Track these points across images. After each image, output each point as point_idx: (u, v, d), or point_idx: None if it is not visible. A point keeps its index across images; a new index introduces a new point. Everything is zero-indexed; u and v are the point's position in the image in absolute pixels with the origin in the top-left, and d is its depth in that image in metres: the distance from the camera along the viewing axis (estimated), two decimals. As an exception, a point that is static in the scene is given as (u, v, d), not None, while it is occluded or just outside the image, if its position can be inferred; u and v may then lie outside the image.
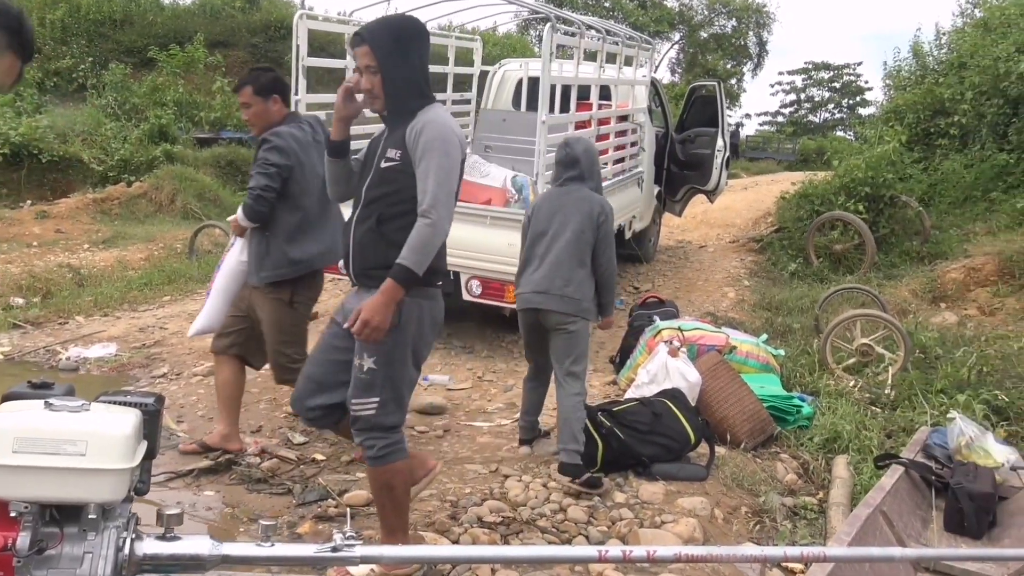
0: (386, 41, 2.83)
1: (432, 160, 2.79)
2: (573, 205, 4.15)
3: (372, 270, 2.89)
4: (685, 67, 37.28)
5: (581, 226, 4.08)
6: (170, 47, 17.18)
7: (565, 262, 4.07)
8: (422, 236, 2.78)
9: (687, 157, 9.74)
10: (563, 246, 4.08)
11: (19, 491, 1.64)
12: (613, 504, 3.79)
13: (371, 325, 2.78)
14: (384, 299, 2.77)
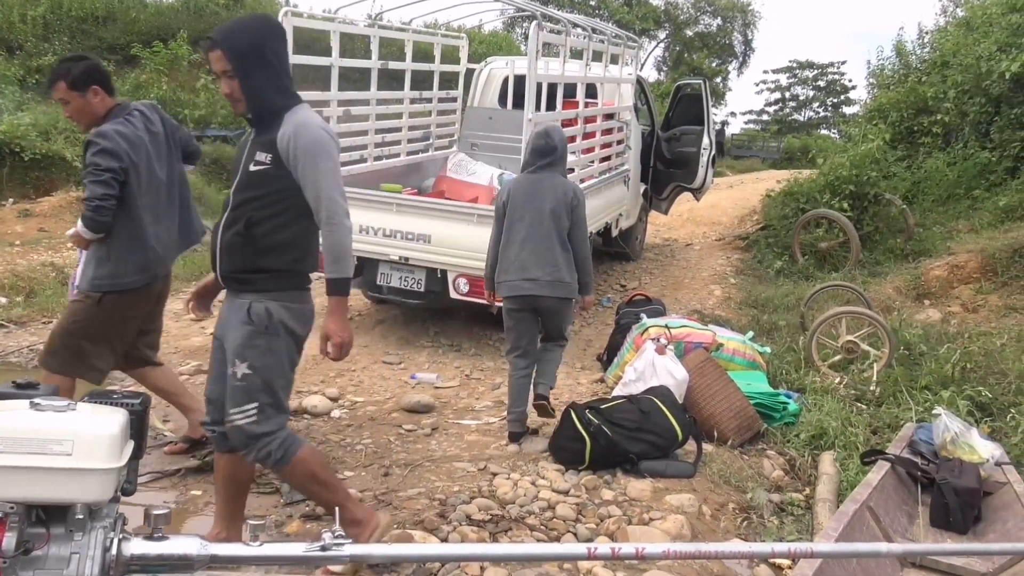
0: (239, 43, 2.76)
1: (318, 166, 2.76)
2: (549, 191, 4.35)
3: (241, 274, 2.87)
4: (671, 65, 37.38)
5: (558, 211, 4.30)
6: (154, 44, 17.03)
7: (549, 247, 4.28)
8: (336, 244, 2.82)
9: (673, 155, 9.76)
10: (544, 232, 4.29)
11: (4, 491, 1.63)
12: (601, 502, 3.79)
13: (344, 344, 2.91)
14: (338, 316, 2.90)
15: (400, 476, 4.05)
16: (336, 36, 6.65)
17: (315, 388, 5.27)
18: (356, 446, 4.45)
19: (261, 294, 2.84)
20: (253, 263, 2.82)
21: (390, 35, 7.71)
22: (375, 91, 7.32)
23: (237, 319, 2.85)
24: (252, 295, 2.84)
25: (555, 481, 3.97)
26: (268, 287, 2.85)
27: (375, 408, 5.05)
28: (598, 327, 7.06)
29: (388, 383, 5.51)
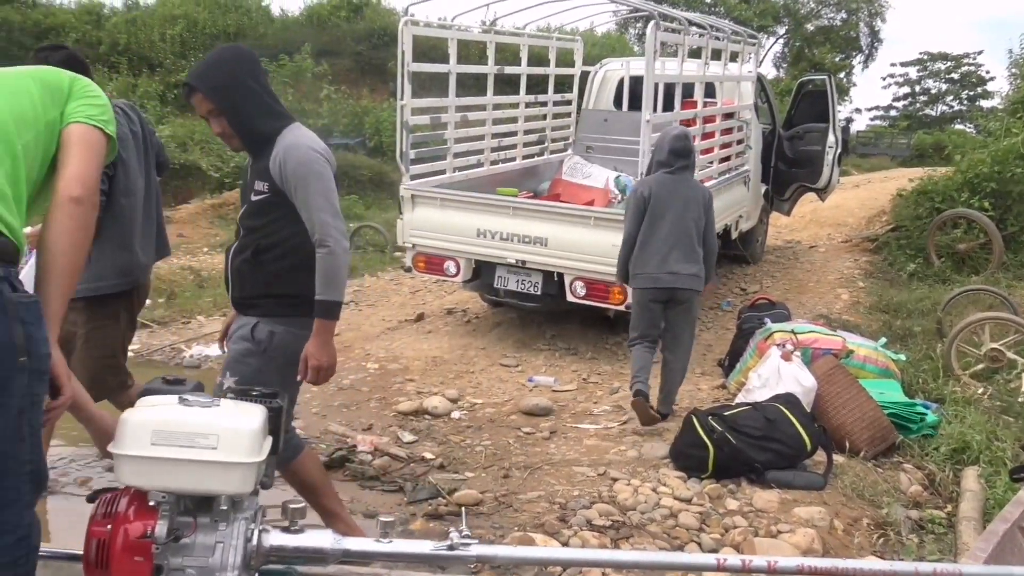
0: (216, 80, 2.71)
1: (308, 187, 2.72)
2: (688, 190, 4.72)
3: (251, 299, 2.88)
4: (790, 62, 36.11)
5: (697, 211, 4.66)
6: (280, 58, 17.84)
7: (689, 243, 4.61)
8: (328, 267, 2.74)
9: (796, 154, 9.41)
10: (685, 229, 4.61)
11: (157, 481, 1.72)
12: (726, 511, 3.68)
13: (323, 368, 2.83)
14: (320, 339, 2.80)
15: (520, 479, 4.05)
16: (453, 43, 6.75)
17: (435, 389, 5.36)
18: (476, 447, 4.49)
19: (269, 317, 2.85)
20: (263, 289, 2.84)
21: (505, 40, 7.78)
22: (491, 96, 7.40)
23: (239, 334, 2.89)
24: (260, 317, 2.86)
25: (677, 488, 3.88)
26: (276, 312, 2.85)
27: (494, 410, 5.09)
28: (718, 331, 6.88)
29: (506, 385, 5.54)
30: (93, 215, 1.79)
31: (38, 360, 1.66)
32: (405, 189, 6.36)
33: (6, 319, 1.59)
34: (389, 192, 13.60)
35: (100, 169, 1.85)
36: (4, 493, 1.64)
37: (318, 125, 16.61)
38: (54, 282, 1.75)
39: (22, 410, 1.64)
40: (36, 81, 1.85)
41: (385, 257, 9.58)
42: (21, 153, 1.73)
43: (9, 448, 1.63)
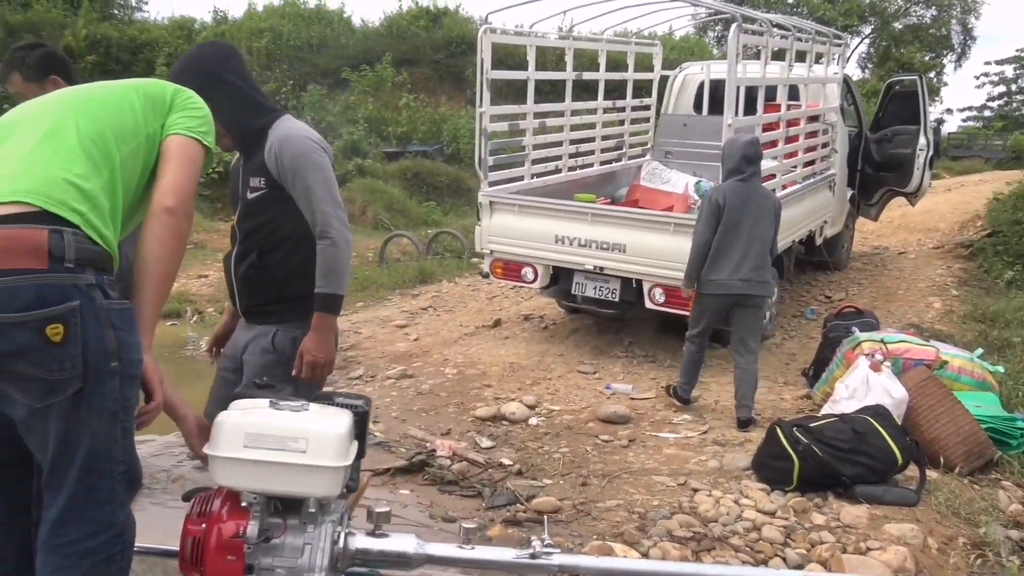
0: (198, 79, 2.51)
1: (307, 177, 2.59)
2: (761, 199, 4.85)
3: (264, 306, 2.72)
4: (876, 62, 34.97)
5: (769, 219, 4.82)
6: (361, 67, 18.22)
7: (761, 250, 4.78)
8: (328, 258, 2.61)
9: (884, 157, 9.09)
10: (759, 235, 4.77)
11: (250, 482, 1.76)
12: (812, 526, 3.57)
13: (318, 365, 2.67)
14: (320, 334, 2.65)
15: (598, 487, 4.02)
16: (532, 50, 6.77)
17: (512, 395, 5.37)
18: (554, 454, 4.47)
19: (287, 323, 2.71)
20: (275, 294, 2.69)
21: (584, 46, 7.76)
22: (569, 102, 7.39)
23: (259, 347, 2.72)
24: (276, 325, 2.71)
25: (760, 501, 3.79)
26: (292, 316, 2.71)
27: (571, 417, 5.06)
28: (802, 340, 6.69)
29: (583, 392, 5.51)
30: (187, 225, 1.84)
31: (129, 365, 1.71)
32: (483, 196, 6.40)
33: (99, 325, 1.64)
34: (466, 198, 13.75)
35: (196, 180, 1.90)
36: (99, 493, 1.71)
37: (397, 133, 16.92)
38: (148, 289, 1.80)
39: (115, 413, 1.70)
40: (139, 94, 1.91)
41: (462, 263, 9.67)
42: (119, 165, 1.78)
43: (103, 450, 1.69)
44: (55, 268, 1.59)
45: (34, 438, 1.68)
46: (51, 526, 1.70)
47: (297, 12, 21.09)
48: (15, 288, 1.56)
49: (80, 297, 1.61)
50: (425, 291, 8.56)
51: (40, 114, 1.82)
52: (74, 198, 1.65)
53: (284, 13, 20.97)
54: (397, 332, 7.05)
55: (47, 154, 1.70)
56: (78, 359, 1.61)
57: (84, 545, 1.70)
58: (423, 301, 8.12)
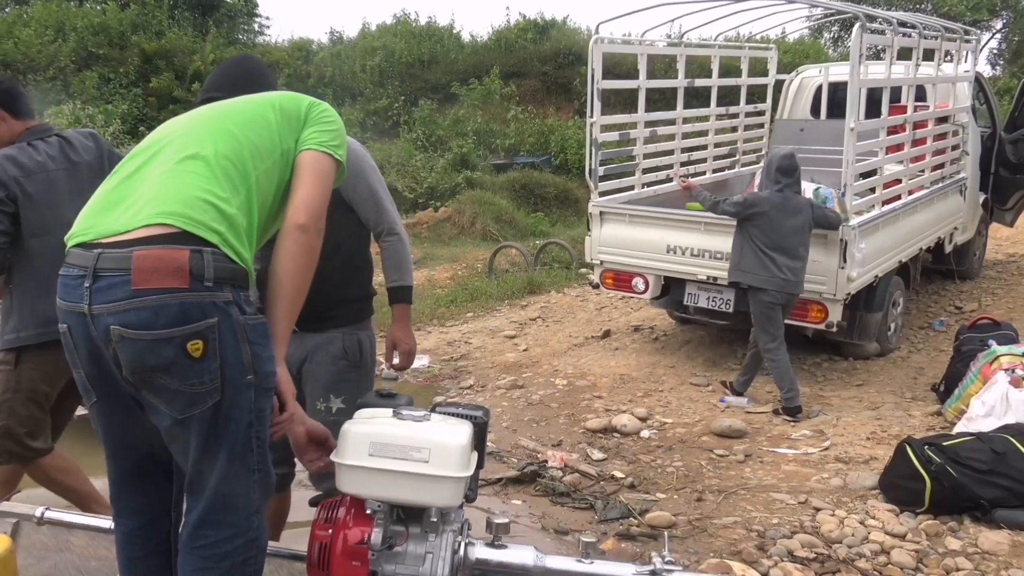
0: (246, 91, 2.37)
1: (370, 179, 2.67)
2: (803, 206, 5.22)
3: (325, 312, 2.60)
4: (1009, 58, 32.88)
5: (808, 224, 5.18)
6: (470, 81, 18.51)
7: (803, 256, 5.14)
8: (400, 252, 2.77)
9: (1020, 159, 8.52)
10: (799, 241, 5.12)
11: (374, 490, 1.81)
12: (946, 551, 3.37)
13: (412, 352, 2.86)
14: (406, 324, 2.84)
15: (714, 502, 3.92)
16: (643, 59, 6.71)
17: (623, 407, 5.31)
18: (667, 468, 4.40)
19: (349, 326, 2.71)
20: (335, 299, 2.63)
21: (695, 52, 7.63)
22: (681, 110, 7.28)
23: (327, 356, 2.67)
24: (339, 329, 2.69)
25: (888, 523, 3.60)
26: (355, 319, 2.74)
27: (684, 430, 4.97)
28: (930, 353, 6.34)
29: (696, 405, 5.39)
30: (318, 240, 1.88)
31: (264, 378, 1.78)
32: (594, 206, 6.38)
33: (236, 340, 1.71)
34: (574, 209, 13.73)
35: (327, 194, 1.94)
36: (236, 499, 1.79)
37: (505, 144, 17.09)
38: (280, 304, 1.86)
39: (250, 423, 1.77)
40: (275, 109, 1.97)
41: (570, 273, 9.65)
42: (255, 183, 1.85)
43: (240, 458, 1.77)
44: (195, 287, 1.66)
45: (177, 446, 1.78)
46: (192, 529, 1.79)
47: (409, 30, 21.62)
48: (160, 306, 1.65)
49: (218, 314, 1.68)
50: (533, 302, 8.59)
51: (181, 134, 1.90)
52: (213, 218, 1.73)
53: (396, 31, 21.54)
54: (506, 342, 7.10)
55: (188, 175, 1.78)
56: (217, 373, 1.69)
57: (222, 548, 1.78)
58: (532, 312, 8.15)
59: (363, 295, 2.80)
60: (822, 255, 5.35)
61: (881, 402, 5.32)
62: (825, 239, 5.34)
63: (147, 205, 1.73)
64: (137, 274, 1.64)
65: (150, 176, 1.80)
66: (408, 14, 22.75)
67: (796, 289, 5.12)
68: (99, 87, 17.75)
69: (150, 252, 1.66)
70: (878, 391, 5.55)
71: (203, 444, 1.73)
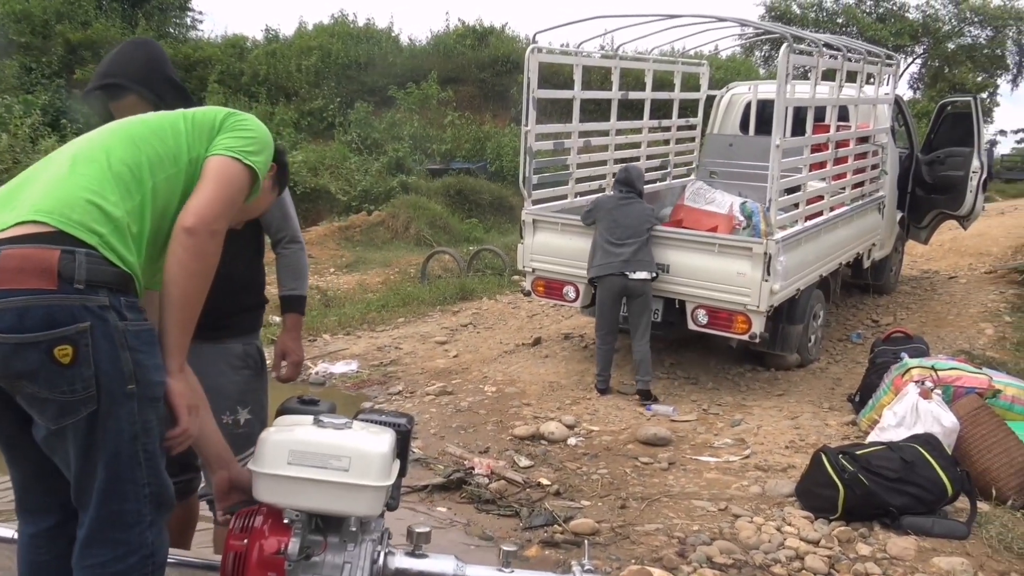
0: (155, 78, 2.38)
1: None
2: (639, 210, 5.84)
3: (223, 320, 2.48)
4: (928, 82, 34.31)
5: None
6: (407, 85, 18.43)
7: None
8: (300, 261, 2.70)
9: (935, 179, 8.91)
10: (637, 232, 5.71)
11: (292, 500, 1.78)
12: (857, 557, 3.49)
13: (301, 363, 2.79)
14: (297, 334, 2.78)
15: (637, 510, 3.98)
16: (578, 69, 6.79)
17: (551, 415, 5.35)
18: (592, 475, 4.44)
19: (246, 335, 2.64)
20: (235, 306, 2.54)
21: (630, 65, 7.76)
22: (615, 121, 7.39)
23: (227, 365, 2.57)
24: (237, 339, 2.60)
25: (803, 529, 3.71)
26: (252, 327, 2.68)
27: (611, 438, 5.03)
28: (848, 364, 6.57)
29: (623, 413, 5.46)
30: (211, 245, 1.78)
31: (148, 387, 1.70)
32: (527, 214, 6.42)
33: (114, 347, 1.63)
34: (509, 216, 13.79)
35: (229, 200, 1.84)
36: (125, 515, 1.71)
37: (441, 150, 17.06)
38: (169, 312, 1.78)
39: (135, 436, 1.69)
40: (187, 119, 1.92)
41: (503, 280, 9.68)
42: (151, 190, 1.78)
43: (126, 472, 1.69)
44: (64, 289, 1.59)
45: (58, 458, 1.71)
46: (80, 546, 1.73)
47: (346, 31, 21.43)
48: (25, 309, 1.57)
49: (91, 318, 1.61)
50: (466, 308, 8.59)
51: (85, 141, 1.85)
52: (94, 219, 1.66)
53: (334, 31, 21.32)
54: (437, 348, 7.08)
55: (77, 177, 1.72)
56: (90, 381, 1.61)
57: (114, 567, 1.71)
58: (463, 318, 8.15)
59: (259, 303, 2.72)
60: (747, 268, 5.48)
61: (800, 412, 5.47)
62: (750, 252, 5.48)
63: (27, 204, 1.66)
64: (2, 274, 1.57)
65: (42, 178, 1.75)
66: (346, 15, 22.62)
67: (630, 269, 5.60)
68: (19, 76, 17.09)
69: (16, 251, 1.59)
70: (798, 401, 5.72)
71: (82, 457, 1.66)
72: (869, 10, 33.10)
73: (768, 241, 5.42)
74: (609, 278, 5.67)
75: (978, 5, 32.95)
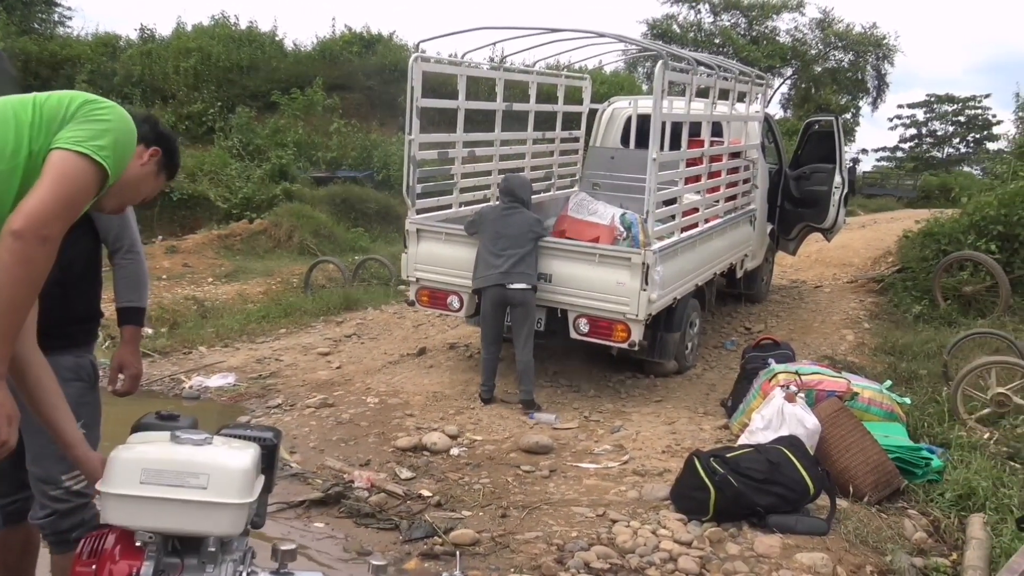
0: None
1: None
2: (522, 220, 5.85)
3: (60, 330, 2.40)
4: (797, 102, 36.32)
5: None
6: (291, 91, 18.02)
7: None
8: (141, 272, 2.65)
9: (802, 194, 9.43)
10: (520, 243, 5.75)
11: (144, 521, 1.69)
12: (727, 556, 3.62)
13: (139, 375, 2.73)
14: (136, 347, 2.73)
15: (518, 518, 4.00)
16: (462, 79, 6.81)
17: (435, 425, 5.31)
18: (474, 485, 4.44)
19: (84, 347, 2.56)
20: (72, 317, 2.48)
21: (515, 77, 7.84)
22: (499, 132, 7.44)
23: (59, 378, 2.36)
24: (70, 351, 2.48)
25: (677, 531, 3.82)
26: (87, 339, 2.59)
27: (493, 447, 5.04)
28: (722, 371, 6.83)
29: (507, 422, 5.49)
30: (38, 250, 1.66)
31: None
32: (410, 223, 6.38)
33: None
34: (395, 225, 13.65)
35: (66, 199, 1.71)
36: None
37: (327, 158, 16.75)
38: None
39: None
40: (35, 107, 1.78)
41: (389, 290, 9.58)
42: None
43: None
44: None
45: None
46: None
47: (228, 33, 20.75)
48: None
49: None
50: (350, 318, 8.44)
51: None
52: None
53: (214, 33, 20.60)
54: (319, 360, 6.92)
55: None
56: None
57: None
58: (347, 328, 8.01)
59: (93, 315, 2.61)
60: (626, 277, 5.62)
61: (677, 417, 5.65)
62: (629, 262, 5.63)
63: None
64: None
65: None
66: (227, 16, 21.87)
67: (510, 280, 5.62)
68: None
69: None
70: (675, 407, 5.90)
71: None
72: (743, 32, 34.73)
73: (646, 251, 5.58)
74: (490, 289, 5.70)
75: (841, 31, 35.12)
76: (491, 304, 5.75)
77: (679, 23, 34.90)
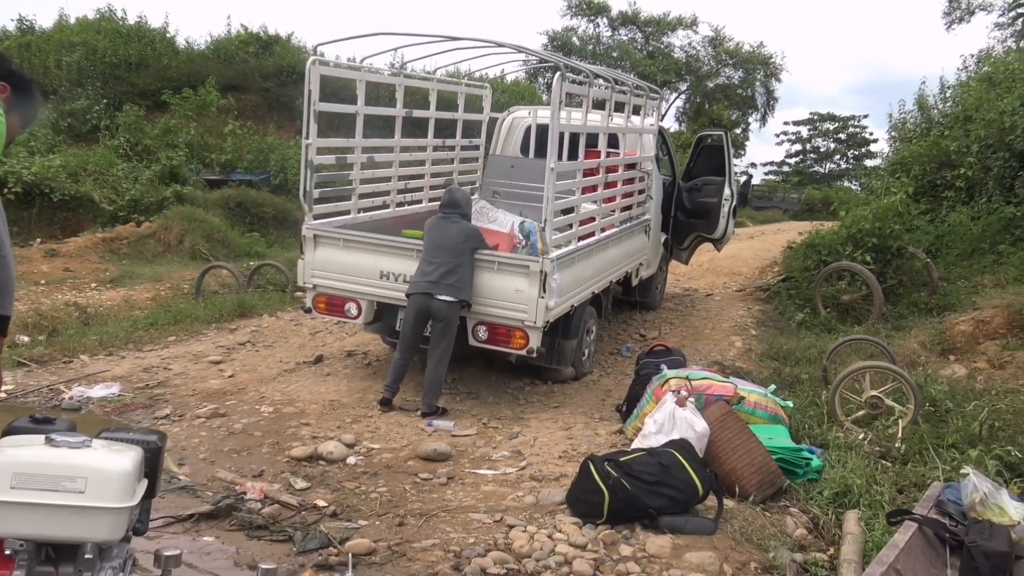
0: None
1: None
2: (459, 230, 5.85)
3: None
4: (691, 116, 37.63)
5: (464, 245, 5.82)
6: (183, 90, 17.43)
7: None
8: (9, 278, 2.49)
9: (694, 205, 9.77)
10: (456, 253, 5.74)
11: (15, 528, 1.61)
12: (620, 557, 3.70)
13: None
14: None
15: (415, 526, 3.98)
16: (362, 84, 6.75)
17: (331, 434, 5.23)
18: (371, 494, 4.39)
19: None
20: None
21: (415, 84, 7.82)
22: (399, 138, 7.41)
23: None
24: None
25: (572, 535, 3.88)
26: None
27: (391, 455, 4.99)
28: (618, 376, 6.99)
29: (405, 430, 5.45)
30: None
31: None
32: (307, 229, 6.27)
33: None
34: (292, 231, 13.38)
35: None
36: None
37: (221, 160, 16.26)
38: None
39: None
40: None
41: (285, 297, 9.38)
42: None
43: None
44: None
45: None
46: None
47: (115, 28, 19.92)
48: None
49: None
50: (244, 325, 8.21)
51: None
52: None
53: (100, 28, 19.75)
54: (211, 368, 6.70)
55: None
56: None
57: None
58: (241, 336, 7.79)
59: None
60: (525, 285, 5.69)
61: (574, 422, 5.74)
62: (527, 270, 5.69)
63: None
64: None
65: None
66: (114, 10, 20.98)
67: (438, 291, 5.62)
68: None
69: None
70: (572, 412, 6.00)
71: None
72: (640, 47, 35.73)
73: (544, 259, 5.66)
74: (416, 296, 5.68)
75: (732, 49, 36.60)
76: (413, 311, 5.72)
77: (579, 36, 35.63)
